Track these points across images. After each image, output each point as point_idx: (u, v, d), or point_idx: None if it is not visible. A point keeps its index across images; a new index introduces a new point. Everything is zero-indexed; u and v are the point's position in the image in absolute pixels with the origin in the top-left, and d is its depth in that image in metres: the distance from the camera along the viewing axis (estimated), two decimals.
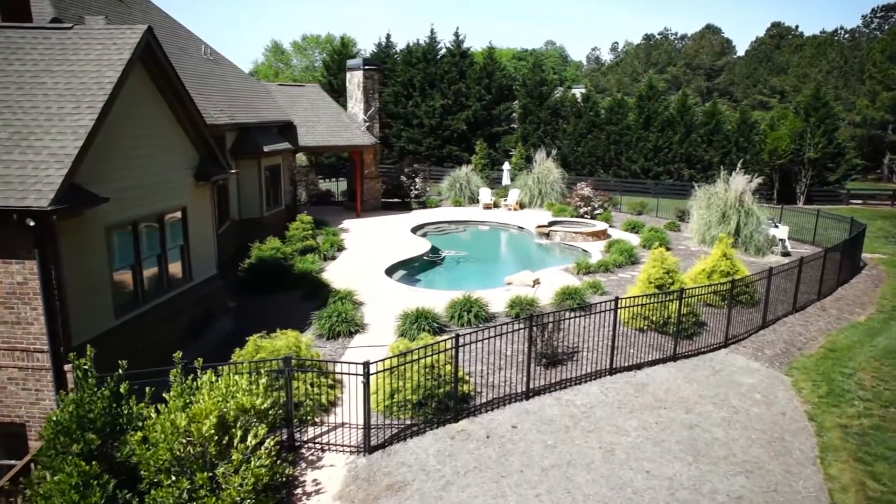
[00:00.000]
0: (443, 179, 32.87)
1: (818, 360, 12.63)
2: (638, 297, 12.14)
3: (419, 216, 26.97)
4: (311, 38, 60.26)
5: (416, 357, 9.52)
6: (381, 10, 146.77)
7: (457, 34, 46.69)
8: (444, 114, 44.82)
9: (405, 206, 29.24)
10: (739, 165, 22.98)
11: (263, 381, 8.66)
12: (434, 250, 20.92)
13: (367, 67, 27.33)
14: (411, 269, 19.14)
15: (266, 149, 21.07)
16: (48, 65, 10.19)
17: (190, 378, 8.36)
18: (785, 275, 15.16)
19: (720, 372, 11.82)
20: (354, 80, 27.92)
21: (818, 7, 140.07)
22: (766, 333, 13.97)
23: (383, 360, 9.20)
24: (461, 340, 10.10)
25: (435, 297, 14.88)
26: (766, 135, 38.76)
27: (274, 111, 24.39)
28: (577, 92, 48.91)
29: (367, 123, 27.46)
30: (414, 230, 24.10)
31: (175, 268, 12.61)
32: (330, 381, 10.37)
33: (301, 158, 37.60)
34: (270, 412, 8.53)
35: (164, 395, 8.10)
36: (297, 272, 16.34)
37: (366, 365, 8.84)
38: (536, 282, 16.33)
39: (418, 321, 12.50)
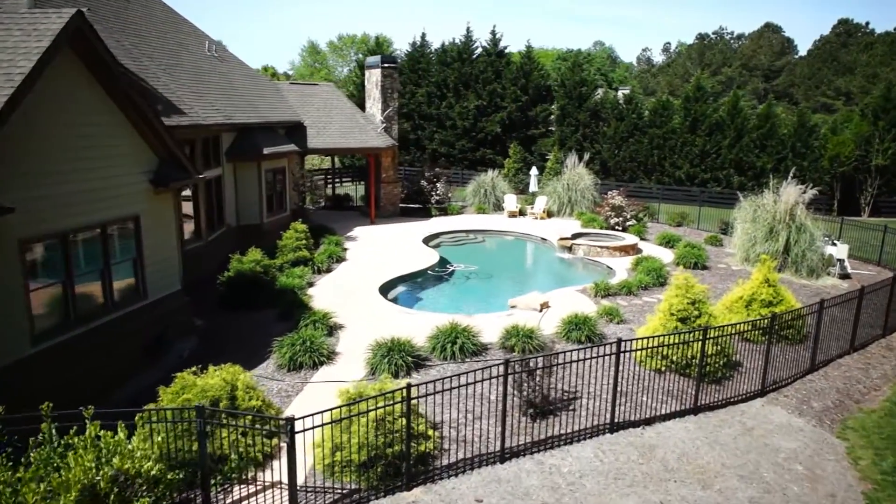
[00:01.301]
0: (468, 184, 31.00)
1: (882, 419, 10.23)
2: (648, 337, 9.99)
3: (437, 224, 25.22)
4: (347, 38, 59.39)
5: (362, 410, 7.78)
6: (423, 11, 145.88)
7: (493, 33, 44.82)
8: (479, 115, 43.02)
9: (425, 213, 27.56)
10: (792, 174, 20.28)
11: (159, 438, 7.07)
12: (442, 264, 19.13)
13: (385, 65, 25.76)
14: (413, 286, 17.41)
15: (266, 151, 19.72)
16: None
17: (72, 432, 6.84)
18: (841, 305, 12.71)
19: (752, 431, 9.60)
20: (373, 79, 26.41)
21: (892, 2, 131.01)
22: (814, 379, 11.60)
23: (313, 414, 7.47)
24: (421, 390, 8.31)
25: (428, 321, 13.09)
26: (827, 139, 35.36)
27: (282, 111, 23.10)
28: (620, 93, 46.25)
29: (385, 124, 25.90)
30: (427, 240, 22.35)
31: (124, 284, 11.24)
32: (268, 430, 8.72)
33: (324, 160, 36.49)
34: (169, 476, 6.92)
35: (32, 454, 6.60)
36: (279, 288, 14.84)
37: (290, 422, 7.14)
38: (545, 305, 14.33)
39: (390, 354, 10.74)
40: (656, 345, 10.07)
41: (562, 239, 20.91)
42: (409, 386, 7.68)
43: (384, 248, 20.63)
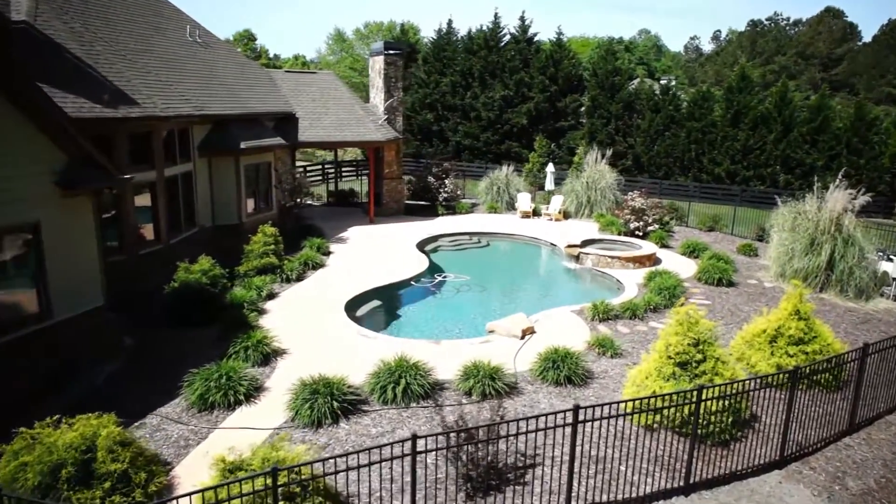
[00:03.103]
0: (482, 180, 28.84)
1: None
2: (616, 402, 7.69)
3: (441, 224, 23.22)
4: (373, 26, 57.64)
5: (232, 493, 5.93)
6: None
7: (522, 19, 42.44)
8: (505, 106, 40.70)
9: (432, 211, 25.58)
10: (842, 173, 17.47)
11: None
12: (432, 272, 17.14)
13: (389, 52, 23.81)
14: (391, 299, 15.46)
15: (244, 145, 18.07)
16: None
17: None
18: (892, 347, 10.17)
19: None
20: (376, 67, 24.49)
21: None
22: (853, 444, 9.17)
23: (178, 496, 5.66)
24: (323, 464, 6.39)
25: (390, 347, 11.24)
26: (890, 134, 31.69)
27: (271, 101, 21.45)
28: (657, 83, 43.07)
29: (387, 116, 23.99)
30: (424, 243, 20.39)
31: (18, 303, 9.70)
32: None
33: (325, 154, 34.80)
34: None
35: None
36: (228, 302, 13.15)
37: None
38: (528, 331, 12.20)
39: (314, 398, 8.85)
40: (629, 411, 7.81)
41: (569, 246, 18.60)
42: (274, 471, 5.76)
43: (373, 252, 18.77)
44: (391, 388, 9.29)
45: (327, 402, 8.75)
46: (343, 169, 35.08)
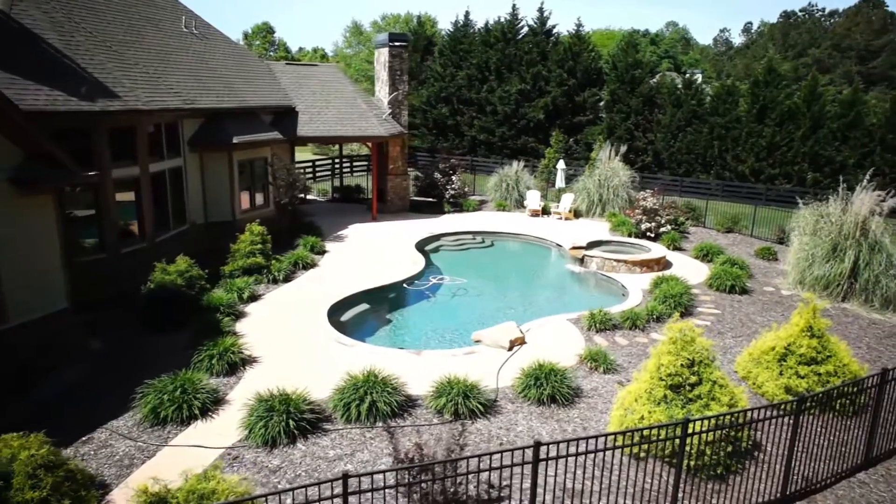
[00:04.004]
0: (492, 176, 27.95)
1: None
2: (587, 438, 6.77)
3: (445, 223, 22.43)
4: (391, 18, 56.88)
5: None
6: None
7: (541, 10, 41.26)
8: (521, 100, 39.63)
9: (438, 209, 24.81)
10: (871, 172, 16.23)
11: None
12: (423, 276, 16.34)
13: (393, 44, 23.03)
14: (380, 304, 14.70)
15: (237, 139, 17.50)
16: None
17: None
18: None
19: None
20: (381, 59, 23.74)
21: None
22: (868, 481, 8.15)
23: None
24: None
25: (368, 357, 10.58)
26: None
27: (268, 95, 20.85)
28: (680, 77, 41.56)
29: (391, 110, 23.24)
30: (424, 243, 19.62)
31: None
32: None
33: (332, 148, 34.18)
34: None
35: None
36: (205, 304, 12.56)
37: None
38: (518, 342, 11.35)
39: (270, 415, 8.16)
40: (599, 448, 6.89)
41: (573, 248, 17.64)
42: None
43: (370, 252, 18.07)
44: (355, 405, 8.55)
45: (282, 421, 8.05)
46: (355, 164, 34.54)
